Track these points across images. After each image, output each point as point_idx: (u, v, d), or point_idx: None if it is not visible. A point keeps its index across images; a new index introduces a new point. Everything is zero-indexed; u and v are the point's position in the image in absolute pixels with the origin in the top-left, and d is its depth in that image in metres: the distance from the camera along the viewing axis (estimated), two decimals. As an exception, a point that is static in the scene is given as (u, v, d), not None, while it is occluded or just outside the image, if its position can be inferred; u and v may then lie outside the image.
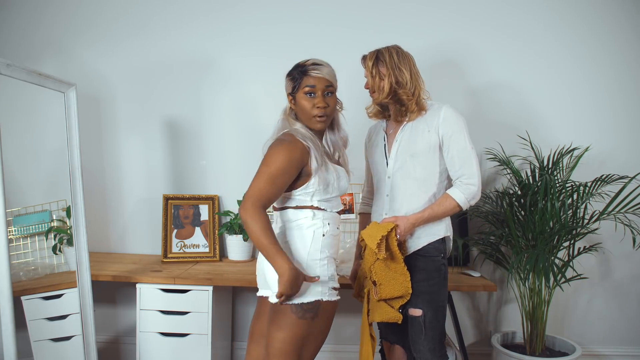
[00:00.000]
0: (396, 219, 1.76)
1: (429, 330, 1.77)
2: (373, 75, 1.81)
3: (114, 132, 2.72)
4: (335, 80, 1.67)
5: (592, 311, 2.70)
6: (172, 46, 2.67)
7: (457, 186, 1.78)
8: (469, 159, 1.77)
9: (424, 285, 1.77)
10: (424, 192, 1.81)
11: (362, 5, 2.61)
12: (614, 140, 2.61)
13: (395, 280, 1.73)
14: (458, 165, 1.77)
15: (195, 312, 2.24)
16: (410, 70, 1.81)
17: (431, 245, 1.81)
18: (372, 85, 1.83)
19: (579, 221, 2.31)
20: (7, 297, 1.64)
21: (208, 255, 2.61)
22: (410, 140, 1.81)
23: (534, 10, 2.58)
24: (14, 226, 2.32)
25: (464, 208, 1.78)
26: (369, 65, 1.82)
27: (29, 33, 2.69)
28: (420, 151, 1.79)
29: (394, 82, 1.78)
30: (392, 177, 1.84)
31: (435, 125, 1.78)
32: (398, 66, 1.79)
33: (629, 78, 2.59)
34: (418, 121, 1.82)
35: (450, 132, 1.77)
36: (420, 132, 1.80)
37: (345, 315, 2.75)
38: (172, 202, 2.63)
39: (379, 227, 1.75)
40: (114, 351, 2.76)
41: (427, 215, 1.77)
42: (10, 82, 1.74)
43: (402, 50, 1.84)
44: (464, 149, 1.77)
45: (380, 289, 1.73)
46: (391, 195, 1.84)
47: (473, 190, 1.76)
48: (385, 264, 1.73)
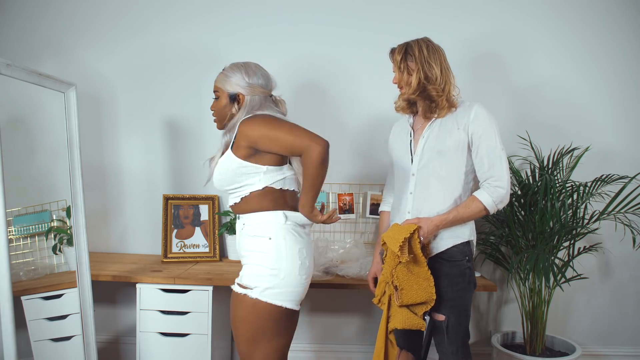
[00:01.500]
0: (419, 221, 1.70)
1: (451, 334, 1.73)
2: (401, 69, 1.76)
3: (114, 132, 2.72)
4: (224, 87, 1.71)
5: (592, 311, 2.70)
6: (172, 46, 2.67)
7: (484, 188, 1.72)
8: (499, 160, 1.70)
9: (448, 292, 1.72)
10: (449, 192, 1.74)
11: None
12: (614, 140, 2.61)
13: (418, 285, 1.66)
14: (487, 166, 1.71)
15: (195, 312, 2.23)
16: (441, 65, 1.74)
17: (456, 248, 1.74)
18: (399, 80, 1.77)
19: (579, 221, 2.31)
20: (7, 297, 1.64)
21: (208, 255, 2.61)
22: (439, 137, 1.75)
23: (526, 9, 2.58)
24: (14, 226, 2.32)
25: (491, 212, 1.72)
26: (397, 59, 1.75)
27: (29, 33, 2.69)
28: (448, 149, 1.73)
29: (422, 78, 1.72)
30: (416, 175, 1.78)
31: (465, 123, 1.72)
32: (428, 61, 1.72)
33: (629, 78, 2.59)
34: (447, 118, 1.75)
35: (480, 131, 1.71)
36: (449, 130, 1.74)
37: (346, 315, 2.75)
38: (172, 202, 2.63)
39: (401, 228, 1.68)
40: (114, 351, 2.76)
41: (452, 217, 1.70)
42: (10, 82, 1.74)
43: (432, 44, 1.77)
44: (494, 149, 1.70)
45: (402, 294, 1.66)
46: (415, 193, 1.78)
47: (501, 193, 1.69)
48: (408, 267, 1.66)
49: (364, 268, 2.32)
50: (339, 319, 2.75)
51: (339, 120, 2.62)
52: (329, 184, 2.64)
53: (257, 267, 1.64)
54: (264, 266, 1.63)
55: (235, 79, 1.70)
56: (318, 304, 2.72)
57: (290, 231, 1.66)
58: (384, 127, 2.64)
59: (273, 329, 1.63)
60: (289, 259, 1.63)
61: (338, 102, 2.65)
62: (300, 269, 1.64)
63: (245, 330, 1.64)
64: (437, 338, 1.77)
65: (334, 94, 2.65)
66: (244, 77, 1.70)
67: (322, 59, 2.63)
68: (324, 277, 2.29)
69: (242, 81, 1.70)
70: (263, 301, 1.61)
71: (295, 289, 1.64)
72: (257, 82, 1.71)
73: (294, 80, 2.63)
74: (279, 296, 1.62)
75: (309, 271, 1.68)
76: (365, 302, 2.72)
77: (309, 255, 1.69)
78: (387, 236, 1.71)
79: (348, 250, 2.47)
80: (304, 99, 2.62)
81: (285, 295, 1.63)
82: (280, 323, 1.64)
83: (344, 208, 2.62)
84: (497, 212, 1.78)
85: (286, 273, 1.62)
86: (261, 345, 1.63)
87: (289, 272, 1.63)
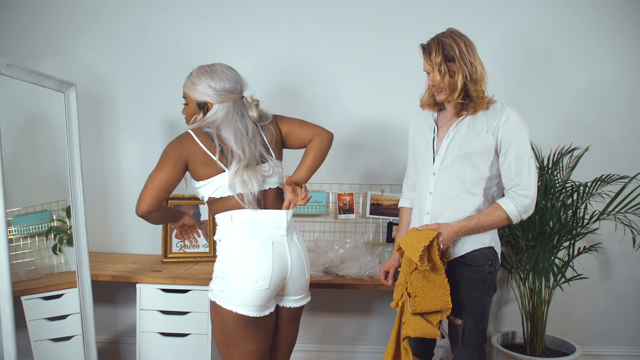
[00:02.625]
0: (439, 227, 1.62)
1: (467, 338, 1.69)
2: (442, 72, 1.61)
3: (114, 132, 2.72)
4: (191, 94, 1.68)
5: (592, 311, 2.70)
6: (172, 46, 2.67)
7: (509, 197, 1.64)
8: (527, 168, 1.62)
9: (467, 297, 1.67)
10: (470, 197, 1.66)
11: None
12: (614, 140, 2.61)
13: (433, 293, 1.59)
14: (514, 173, 1.62)
15: (195, 312, 2.23)
16: (478, 59, 1.63)
17: (478, 252, 1.67)
18: (440, 83, 1.62)
19: (579, 221, 2.31)
20: (7, 297, 1.64)
21: (208, 255, 2.61)
22: (466, 138, 1.65)
23: (525, 9, 2.58)
24: (14, 226, 2.31)
25: (515, 222, 1.64)
26: (437, 61, 1.60)
27: (29, 33, 2.68)
28: (474, 152, 1.64)
29: (468, 79, 1.60)
30: (437, 174, 1.69)
31: (495, 126, 1.63)
32: (470, 59, 1.60)
33: (629, 77, 2.59)
34: (477, 118, 1.66)
35: (510, 136, 1.62)
36: (477, 131, 1.64)
37: (346, 315, 2.75)
38: (172, 202, 2.63)
39: (420, 235, 1.60)
40: (114, 351, 2.76)
41: (473, 224, 1.63)
42: (10, 82, 1.74)
43: (466, 38, 1.63)
44: (522, 156, 1.62)
45: (416, 301, 1.59)
46: (434, 194, 1.69)
47: (527, 203, 1.62)
48: (424, 274, 1.59)
49: (364, 268, 2.32)
50: (339, 319, 2.75)
51: (340, 119, 2.62)
52: (329, 184, 2.64)
53: (214, 270, 1.66)
54: (216, 269, 1.64)
55: (202, 86, 1.65)
56: (318, 304, 2.72)
57: (238, 232, 1.61)
58: (385, 127, 2.65)
59: (238, 334, 1.59)
60: (234, 262, 1.59)
61: (338, 102, 2.65)
62: (246, 272, 1.57)
63: (216, 333, 1.65)
64: (452, 340, 1.75)
65: (336, 91, 2.65)
66: (210, 84, 1.64)
67: (324, 58, 2.63)
68: (324, 277, 2.29)
69: (208, 89, 1.64)
70: (219, 305, 1.60)
71: (244, 293, 1.56)
72: (225, 87, 1.65)
73: (299, 79, 2.63)
74: (230, 300, 1.58)
75: (262, 275, 1.58)
76: (365, 302, 2.72)
77: (265, 256, 1.59)
78: (404, 243, 1.64)
79: (348, 250, 2.47)
80: (308, 96, 2.63)
81: (236, 299, 1.57)
82: (243, 328, 1.58)
83: (344, 208, 2.62)
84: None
85: (232, 276, 1.59)
86: (232, 349, 1.62)
87: (234, 275, 1.58)
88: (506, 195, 1.67)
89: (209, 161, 1.63)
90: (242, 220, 1.62)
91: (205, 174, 1.63)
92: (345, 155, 2.66)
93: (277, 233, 1.65)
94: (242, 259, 1.58)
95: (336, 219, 2.65)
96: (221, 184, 1.63)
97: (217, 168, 1.63)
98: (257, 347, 1.62)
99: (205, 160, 1.63)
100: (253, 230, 1.62)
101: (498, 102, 1.70)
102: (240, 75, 1.72)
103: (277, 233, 1.65)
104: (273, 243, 1.62)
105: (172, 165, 1.62)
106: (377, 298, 2.72)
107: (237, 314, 1.57)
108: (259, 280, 1.58)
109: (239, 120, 1.66)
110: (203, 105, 1.68)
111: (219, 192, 1.64)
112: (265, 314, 1.61)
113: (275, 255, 1.62)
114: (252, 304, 1.58)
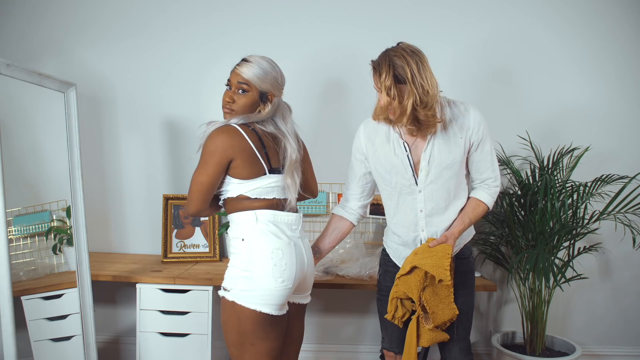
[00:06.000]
0: (447, 238, 1.65)
1: (460, 330, 1.74)
2: (391, 96, 1.53)
3: (114, 132, 2.72)
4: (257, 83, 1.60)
5: (592, 311, 2.70)
6: (172, 46, 2.67)
7: (483, 189, 1.73)
8: (494, 161, 1.73)
9: (461, 288, 1.72)
10: (458, 202, 1.72)
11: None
12: (614, 140, 2.61)
13: (443, 304, 1.64)
14: (484, 168, 1.71)
15: (195, 312, 2.24)
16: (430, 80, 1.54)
17: (465, 247, 1.78)
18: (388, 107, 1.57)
19: (579, 221, 2.31)
20: (7, 297, 1.64)
21: (208, 255, 2.61)
22: (444, 150, 1.66)
23: (524, 8, 2.58)
24: (14, 226, 2.31)
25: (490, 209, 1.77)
26: (386, 84, 1.52)
27: (29, 33, 2.68)
28: (455, 161, 1.67)
29: (418, 103, 1.53)
30: (423, 191, 1.69)
31: (467, 129, 1.66)
32: (421, 82, 1.51)
33: (629, 77, 2.59)
34: (448, 129, 1.65)
35: (481, 136, 1.67)
36: (453, 141, 1.66)
37: (346, 315, 2.75)
38: (172, 202, 2.63)
39: (438, 252, 1.60)
40: (114, 351, 2.76)
41: (467, 224, 1.70)
42: (10, 82, 1.74)
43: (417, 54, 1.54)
44: (490, 151, 1.71)
45: (434, 317, 1.63)
46: (426, 210, 1.70)
47: (497, 191, 1.75)
48: (433, 288, 1.62)
49: (364, 268, 2.32)
50: (339, 319, 2.75)
51: (341, 118, 2.62)
52: (329, 184, 2.64)
53: (233, 268, 1.61)
54: (238, 268, 1.60)
55: (271, 77, 1.62)
56: (318, 304, 2.72)
57: (263, 232, 1.60)
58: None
59: (255, 333, 1.58)
60: (262, 261, 1.57)
61: (340, 101, 2.65)
62: (275, 271, 1.56)
63: (230, 333, 1.61)
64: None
65: (337, 91, 2.65)
66: (278, 77, 1.64)
67: (324, 57, 2.63)
68: (324, 277, 2.29)
69: (275, 82, 1.63)
70: (239, 304, 1.57)
71: (270, 292, 1.56)
72: (283, 82, 1.68)
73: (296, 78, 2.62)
74: (254, 299, 1.56)
75: (288, 274, 1.58)
76: (365, 302, 2.72)
77: (290, 257, 1.60)
78: (424, 263, 1.60)
79: (348, 250, 2.47)
80: (308, 97, 2.63)
81: (260, 298, 1.56)
82: (260, 327, 1.57)
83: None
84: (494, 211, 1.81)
85: (259, 275, 1.56)
86: (246, 349, 1.60)
87: (262, 274, 1.56)
88: (478, 187, 1.75)
89: (255, 161, 1.58)
90: (267, 221, 1.61)
91: (249, 173, 1.58)
92: (346, 155, 2.66)
93: (294, 235, 1.66)
94: (271, 259, 1.57)
95: (336, 219, 2.65)
96: (262, 185, 1.60)
97: (261, 168, 1.60)
98: (272, 345, 1.62)
99: (252, 160, 1.58)
100: (276, 230, 1.61)
101: (458, 102, 1.70)
102: None
103: (294, 235, 1.66)
104: (295, 244, 1.64)
105: (217, 165, 1.56)
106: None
107: (260, 312, 1.56)
108: (286, 279, 1.58)
109: (288, 117, 1.68)
110: (265, 96, 1.64)
111: (256, 192, 1.60)
112: (284, 312, 1.62)
113: (297, 255, 1.63)
114: (275, 303, 1.57)
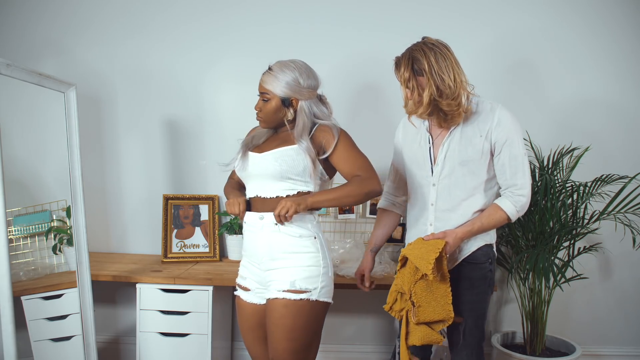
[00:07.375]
0: (445, 235, 1.63)
1: (468, 337, 1.71)
2: (411, 88, 1.59)
3: (114, 132, 2.72)
4: (274, 90, 1.61)
5: (592, 311, 2.70)
6: (172, 46, 2.67)
7: (507, 197, 1.65)
8: (522, 167, 1.63)
9: (467, 294, 1.69)
10: (472, 202, 1.67)
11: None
12: (614, 140, 2.61)
13: (436, 302, 1.61)
14: (509, 174, 1.64)
15: (195, 312, 2.24)
16: (453, 71, 1.56)
17: (480, 251, 1.70)
18: (409, 99, 1.63)
19: (579, 221, 2.31)
20: (7, 297, 1.64)
21: (208, 255, 2.61)
22: (461, 146, 1.65)
23: (525, 9, 2.58)
24: (14, 226, 2.32)
25: (513, 220, 1.66)
26: (405, 77, 1.58)
27: (29, 33, 2.68)
28: (471, 159, 1.64)
29: (435, 94, 1.56)
30: (437, 185, 1.69)
31: (488, 129, 1.62)
32: (439, 73, 1.55)
33: (629, 77, 2.59)
34: (468, 124, 1.65)
35: (504, 137, 1.61)
36: (470, 138, 1.64)
37: (346, 315, 2.75)
38: (172, 202, 2.63)
39: (428, 246, 1.61)
40: (114, 351, 2.76)
41: (477, 228, 1.64)
42: (10, 82, 1.74)
43: (439, 47, 1.58)
44: (517, 156, 1.62)
45: (419, 311, 1.61)
46: (437, 205, 1.69)
47: (524, 202, 1.64)
48: (427, 284, 1.60)
49: (364, 268, 2.32)
50: (339, 319, 2.75)
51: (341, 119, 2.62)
52: (329, 184, 2.64)
53: (311, 268, 1.62)
54: (318, 266, 1.64)
55: (288, 82, 1.60)
56: (318, 304, 2.72)
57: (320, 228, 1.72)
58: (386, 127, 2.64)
59: (321, 327, 1.68)
60: (328, 255, 1.69)
61: (340, 101, 2.64)
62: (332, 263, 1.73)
63: (305, 337, 1.60)
64: (452, 338, 1.75)
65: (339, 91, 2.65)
66: (299, 80, 1.61)
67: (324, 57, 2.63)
68: (324, 277, 2.29)
69: (295, 85, 1.60)
70: (321, 301, 1.63)
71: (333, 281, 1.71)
72: (311, 84, 1.63)
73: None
74: (330, 292, 1.68)
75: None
76: (365, 302, 2.71)
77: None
78: (412, 254, 1.63)
79: (348, 250, 2.47)
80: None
81: (332, 290, 1.69)
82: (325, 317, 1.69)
83: (343, 208, 2.62)
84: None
85: (330, 269, 1.69)
86: (313, 346, 1.66)
87: (331, 267, 1.70)
88: (503, 195, 1.68)
89: None
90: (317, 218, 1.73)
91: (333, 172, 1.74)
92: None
93: None
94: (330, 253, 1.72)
95: (336, 219, 2.65)
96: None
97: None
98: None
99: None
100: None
101: (487, 102, 1.68)
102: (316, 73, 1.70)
103: None
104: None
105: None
106: (377, 298, 2.71)
107: (330, 304, 1.68)
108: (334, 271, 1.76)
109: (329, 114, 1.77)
110: (288, 101, 1.64)
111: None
112: None
113: None
114: None
